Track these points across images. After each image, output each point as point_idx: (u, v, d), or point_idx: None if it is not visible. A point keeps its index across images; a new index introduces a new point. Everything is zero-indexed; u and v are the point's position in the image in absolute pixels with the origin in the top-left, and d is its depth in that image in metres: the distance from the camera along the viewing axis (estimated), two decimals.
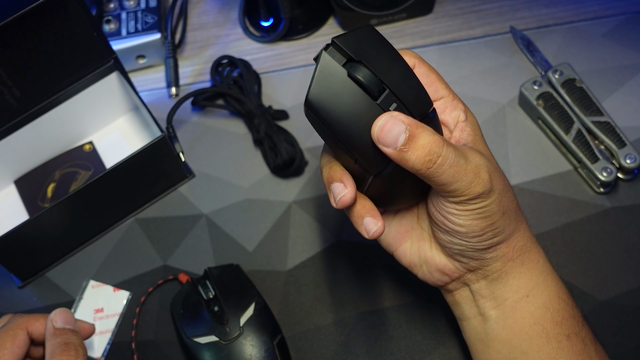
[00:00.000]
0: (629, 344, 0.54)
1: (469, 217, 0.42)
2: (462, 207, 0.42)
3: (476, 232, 0.42)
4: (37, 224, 0.57)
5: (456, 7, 0.72)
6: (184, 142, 0.66)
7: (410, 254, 0.47)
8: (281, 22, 0.70)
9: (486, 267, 0.44)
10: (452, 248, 0.44)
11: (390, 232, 0.47)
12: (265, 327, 0.54)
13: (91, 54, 0.60)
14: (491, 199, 0.42)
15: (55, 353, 0.47)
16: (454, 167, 0.40)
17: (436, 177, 0.40)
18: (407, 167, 0.40)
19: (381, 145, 0.40)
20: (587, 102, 0.62)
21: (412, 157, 0.40)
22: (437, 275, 0.46)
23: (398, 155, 0.40)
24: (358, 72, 0.40)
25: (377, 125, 0.39)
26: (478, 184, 0.41)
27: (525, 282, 0.45)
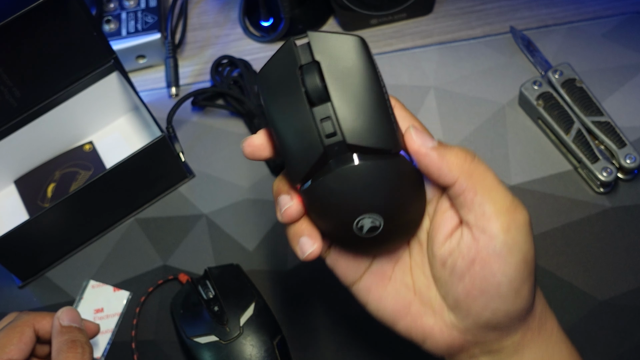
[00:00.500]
0: (629, 344, 0.54)
1: (514, 257, 0.37)
2: (509, 240, 0.37)
3: (518, 281, 0.38)
4: (37, 224, 0.57)
5: (456, 7, 0.72)
6: (184, 142, 0.66)
7: (412, 330, 0.42)
8: (281, 22, 0.70)
9: (504, 340, 0.40)
10: (480, 315, 0.39)
11: (384, 308, 0.42)
12: (265, 327, 0.54)
13: (91, 54, 0.60)
14: (531, 235, 0.38)
15: (62, 350, 0.48)
16: (495, 177, 0.38)
17: (479, 176, 0.38)
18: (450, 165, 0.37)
19: (419, 142, 0.38)
20: (587, 102, 0.62)
21: (454, 151, 0.38)
22: (444, 350, 0.41)
23: (441, 150, 0.37)
24: (309, 73, 0.37)
25: (410, 131, 0.38)
26: (520, 208, 0.38)
27: (540, 354, 0.40)
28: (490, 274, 0.38)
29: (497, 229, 0.37)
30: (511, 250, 0.37)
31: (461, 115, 0.65)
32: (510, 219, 0.37)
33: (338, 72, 0.37)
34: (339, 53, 0.37)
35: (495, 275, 0.38)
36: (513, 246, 0.37)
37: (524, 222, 0.38)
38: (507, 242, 0.37)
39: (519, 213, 0.38)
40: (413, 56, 0.69)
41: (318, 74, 0.37)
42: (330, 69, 0.37)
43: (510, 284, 0.38)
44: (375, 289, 0.42)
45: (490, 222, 0.37)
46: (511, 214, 0.37)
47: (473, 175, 0.38)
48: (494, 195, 0.38)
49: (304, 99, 0.37)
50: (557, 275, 0.57)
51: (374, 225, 0.38)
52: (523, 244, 0.38)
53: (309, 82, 0.37)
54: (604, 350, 0.54)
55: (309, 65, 0.37)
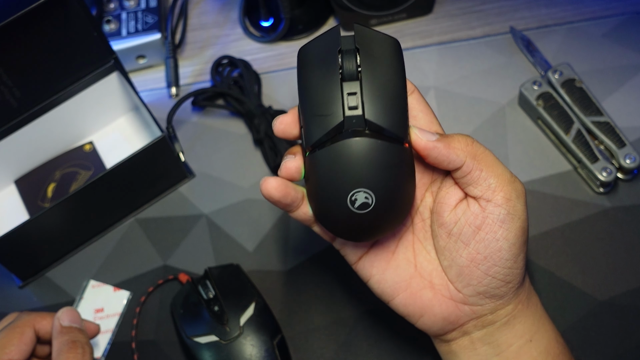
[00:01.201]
0: (629, 344, 0.54)
1: (514, 224, 0.42)
2: (511, 209, 0.42)
3: (516, 248, 0.42)
4: (38, 224, 0.57)
5: (456, 7, 0.72)
6: (184, 142, 0.66)
7: (410, 304, 0.45)
8: (281, 22, 0.70)
9: (499, 310, 0.44)
10: (479, 284, 0.43)
11: (385, 280, 0.45)
12: (265, 327, 0.54)
13: (91, 54, 0.60)
14: (526, 204, 0.43)
15: (62, 350, 0.48)
16: (494, 156, 0.43)
17: (482, 155, 0.42)
18: (457, 151, 0.42)
19: (425, 138, 0.42)
20: (586, 102, 0.62)
21: (457, 137, 0.42)
22: (441, 324, 0.44)
23: (445, 139, 0.42)
24: (348, 56, 0.41)
25: (414, 129, 0.42)
26: (518, 182, 0.43)
27: (529, 327, 0.44)
28: (494, 239, 0.42)
29: (502, 199, 0.42)
30: (513, 217, 0.42)
31: (461, 115, 0.65)
32: (511, 189, 0.42)
33: (372, 61, 0.41)
34: (377, 47, 0.42)
35: (499, 240, 0.42)
36: (514, 214, 0.42)
37: (522, 192, 0.43)
38: (510, 210, 0.42)
39: (517, 184, 0.43)
40: (413, 56, 0.69)
41: (355, 58, 0.41)
42: (367, 57, 0.41)
43: (510, 250, 0.42)
44: (379, 263, 0.45)
45: (495, 193, 0.42)
46: (512, 185, 0.43)
47: (477, 155, 0.42)
48: (496, 170, 0.42)
49: (337, 74, 0.41)
50: (557, 275, 0.57)
51: (366, 202, 0.41)
52: (522, 212, 0.43)
53: (346, 62, 0.41)
54: (604, 350, 0.54)
55: (349, 50, 0.41)
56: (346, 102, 0.40)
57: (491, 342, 0.44)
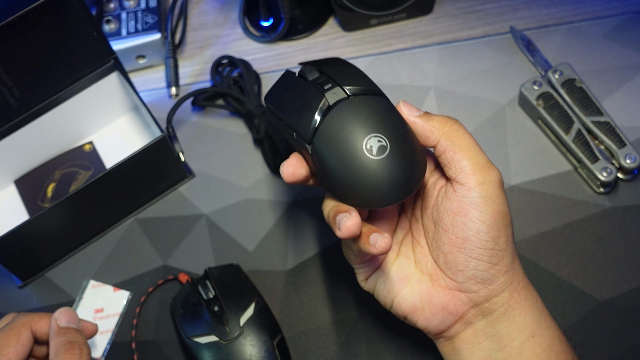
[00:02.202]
0: (629, 344, 0.54)
1: (490, 208, 0.43)
2: (484, 193, 0.43)
3: (494, 230, 0.43)
4: (37, 224, 0.57)
5: (456, 7, 0.72)
6: (184, 142, 0.66)
7: (412, 298, 0.46)
8: (281, 22, 0.70)
9: (494, 297, 0.44)
10: (466, 269, 0.44)
11: (387, 281, 0.47)
12: (265, 327, 0.54)
13: (91, 54, 0.60)
14: (504, 195, 0.44)
15: (59, 351, 0.48)
16: (472, 139, 0.44)
17: (458, 136, 0.44)
18: (432, 128, 0.44)
19: (409, 113, 0.45)
20: (587, 102, 0.62)
21: (436, 117, 0.45)
22: (441, 316, 0.45)
23: (425, 117, 0.45)
24: (305, 70, 0.46)
25: (400, 103, 0.45)
26: (493, 168, 0.44)
27: (529, 321, 0.44)
28: (469, 221, 0.43)
29: (474, 182, 0.43)
30: (486, 201, 0.43)
31: (461, 115, 0.65)
32: (484, 174, 0.43)
33: (330, 67, 0.46)
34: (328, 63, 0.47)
35: (475, 222, 0.43)
36: (488, 198, 0.43)
37: (497, 179, 0.44)
38: (482, 193, 0.43)
39: (492, 171, 0.44)
40: (413, 56, 0.69)
41: (314, 66, 0.46)
42: (324, 67, 0.46)
43: (488, 231, 0.43)
44: (384, 265, 0.47)
45: (467, 176, 0.43)
46: (486, 171, 0.44)
47: (452, 136, 0.44)
48: (471, 153, 0.44)
49: (304, 81, 0.46)
50: (557, 275, 0.57)
51: (382, 144, 0.42)
52: (496, 197, 0.43)
53: (307, 72, 0.46)
54: (604, 350, 0.54)
55: (307, 68, 0.46)
56: (320, 87, 0.44)
57: (493, 335, 0.44)
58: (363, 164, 0.42)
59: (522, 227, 0.59)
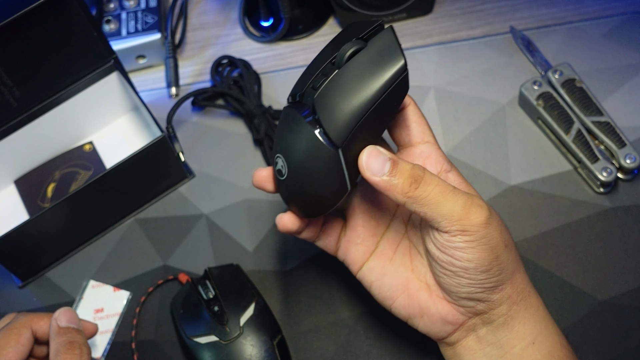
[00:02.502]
0: (629, 344, 0.54)
1: (475, 249, 0.41)
2: (467, 238, 0.41)
3: (484, 266, 0.42)
4: (37, 224, 0.57)
5: (456, 7, 0.72)
6: (184, 142, 0.66)
7: (409, 306, 0.46)
8: (281, 22, 0.70)
9: (493, 310, 0.44)
10: (459, 292, 0.43)
11: (383, 285, 0.47)
12: (265, 327, 0.54)
13: (91, 54, 0.60)
14: (493, 227, 0.42)
15: (59, 352, 0.48)
16: (441, 187, 0.41)
17: (425, 197, 0.41)
18: (396, 193, 0.41)
19: (369, 174, 0.41)
20: (587, 102, 0.62)
21: (400, 181, 0.41)
22: (440, 325, 0.45)
23: (386, 183, 0.41)
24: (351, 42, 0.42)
25: (363, 155, 0.42)
26: (475, 208, 0.42)
27: (530, 329, 0.44)
28: (457, 260, 0.42)
29: (455, 230, 0.41)
30: (470, 244, 0.42)
31: (461, 115, 0.65)
32: (464, 224, 0.41)
33: (365, 61, 0.42)
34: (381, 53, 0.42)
35: (462, 262, 0.42)
36: (472, 242, 0.41)
37: (480, 222, 0.41)
38: (466, 240, 0.41)
39: (472, 215, 0.41)
40: (413, 56, 0.69)
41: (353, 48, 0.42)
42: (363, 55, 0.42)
43: (477, 268, 0.42)
44: (379, 269, 0.47)
45: (447, 227, 0.41)
46: (464, 219, 0.41)
47: (417, 200, 0.41)
48: (442, 209, 0.41)
49: (328, 58, 0.44)
50: (557, 275, 0.57)
51: (280, 168, 0.44)
52: (481, 238, 0.41)
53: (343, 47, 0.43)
54: (604, 350, 0.54)
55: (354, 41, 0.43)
56: (316, 79, 0.42)
57: (494, 342, 0.44)
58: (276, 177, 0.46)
59: (522, 227, 0.59)
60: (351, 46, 0.42)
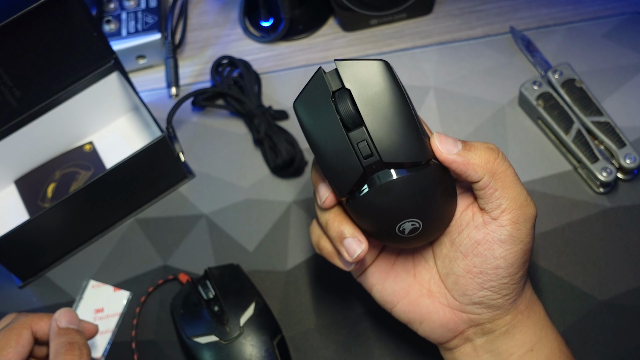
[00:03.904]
0: (629, 344, 0.54)
1: (516, 247, 0.42)
2: (515, 232, 0.42)
3: (514, 267, 0.42)
4: (37, 224, 0.57)
5: (456, 7, 0.72)
6: (184, 142, 0.66)
7: (410, 311, 0.46)
8: (281, 23, 0.70)
9: (497, 320, 0.44)
10: (474, 295, 0.43)
11: (385, 289, 0.46)
12: (265, 327, 0.54)
13: (91, 54, 0.60)
14: (534, 230, 0.43)
15: (59, 352, 0.48)
16: (514, 174, 0.42)
17: (503, 173, 0.42)
18: (475, 167, 0.41)
19: (445, 151, 0.41)
20: (586, 102, 0.62)
21: (478, 152, 0.42)
22: (440, 331, 0.45)
23: (463, 158, 0.41)
24: (341, 100, 0.41)
25: (435, 138, 0.42)
26: (531, 202, 0.43)
27: (529, 337, 0.44)
28: (492, 257, 0.42)
29: (508, 221, 0.42)
30: (515, 240, 0.42)
31: (461, 115, 0.65)
32: (520, 213, 0.42)
33: (368, 96, 0.41)
34: (367, 78, 0.41)
35: (497, 259, 0.42)
36: (517, 237, 0.42)
37: (531, 217, 0.42)
38: (513, 233, 0.42)
39: (529, 208, 0.42)
40: (413, 56, 0.69)
41: (350, 100, 0.41)
42: (361, 95, 0.41)
43: (508, 269, 0.42)
44: (380, 272, 0.47)
45: (503, 214, 0.42)
46: (522, 210, 0.42)
47: (495, 174, 0.42)
48: (511, 192, 0.42)
49: (340, 125, 0.41)
50: (557, 275, 0.57)
51: (414, 227, 0.42)
52: (525, 236, 0.42)
53: (342, 108, 0.41)
54: (604, 350, 0.54)
55: (341, 93, 0.41)
56: (359, 153, 0.41)
57: (492, 351, 0.44)
58: (394, 239, 0.43)
59: None
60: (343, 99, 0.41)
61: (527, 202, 0.42)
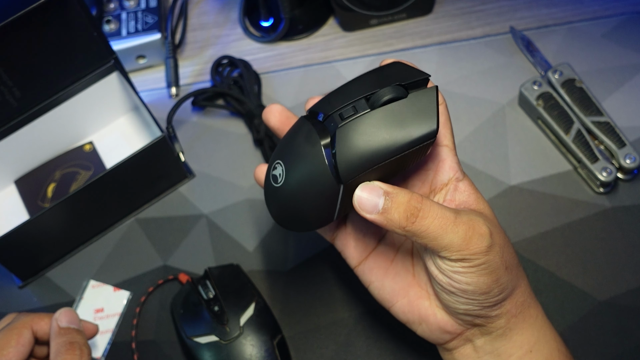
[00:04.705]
0: (629, 344, 0.54)
1: (475, 274, 0.41)
2: (467, 264, 0.40)
3: (483, 289, 0.41)
4: (37, 224, 0.57)
5: (456, 7, 0.72)
6: (184, 142, 0.66)
7: (408, 312, 0.45)
8: (281, 22, 0.70)
9: (491, 324, 0.44)
10: (457, 308, 0.43)
11: (384, 287, 0.46)
12: (265, 327, 0.54)
13: (91, 54, 0.60)
14: (494, 252, 0.41)
15: (60, 352, 0.48)
16: (440, 219, 0.40)
17: (423, 231, 0.40)
18: (393, 227, 0.40)
19: (364, 213, 0.40)
20: (586, 102, 0.62)
21: (395, 215, 0.40)
22: (438, 333, 0.45)
23: (383, 219, 0.40)
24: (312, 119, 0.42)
25: (356, 196, 0.40)
26: (476, 237, 0.40)
27: (528, 338, 0.44)
28: (457, 282, 0.41)
29: (456, 257, 0.40)
30: (472, 271, 0.41)
31: (461, 115, 0.65)
32: (464, 254, 0.40)
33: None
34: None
35: (462, 284, 0.41)
36: (472, 269, 0.41)
37: (481, 250, 0.40)
38: (465, 266, 0.41)
39: (473, 244, 0.40)
40: (413, 56, 0.69)
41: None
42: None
43: (475, 291, 0.41)
44: (378, 269, 0.46)
45: (447, 255, 0.40)
46: (464, 251, 0.40)
47: (415, 233, 0.40)
48: (441, 241, 0.40)
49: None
50: (557, 275, 0.57)
51: (276, 174, 0.42)
52: (482, 264, 0.40)
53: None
54: (604, 350, 0.54)
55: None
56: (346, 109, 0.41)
57: (492, 352, 0.44)
58: (268, 186, 0.44)
59: (522, 227, 0.59)
60: (391, 92, 0.41)
61: (467, 240, 0.40)
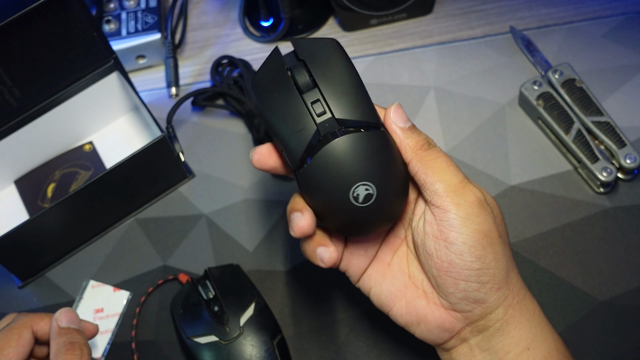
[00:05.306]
0: (629, 344, 0.54)
1: (469, 228, 0.42)
2: (460, 211, 0.42)
3: (478, 249, 0.42)
4: (37, 224, 0.57)
5: (456, 7, 0.72)
6: (184, 142, 0.66)
7: (407, 313, 0.46)
8: (281, 22, 0.70)
9: (489, 314, 0.44)
10: (456, 291, 0.43)
11: (382, 292, 0.46)
12: (265, 327, 0.54)
13: (91, 54, 0.60)
14: (486, 212, 0.42)
15: (60, 352, 0.48)
16: (446, 159, 0.43)
17: (431, 160, 0.43)
18: (409, 147, 0.43)
19: (394, 122, 0.43)
20: (587, 102, 0.62)
21: (415, 137, 0.43)
22: (437, 332, 0.45)
23: (404, 135, 0.43)
24: (296, 70, 0.43)
25: (392, 107, 0.44)
26: (471, 187, 0.43)
27: (525, 334, 0.44)
28: (451, 244, 0.42)
29: (449, 204, 0.42)
30: (464, 221, 0.42)
31: (461, 115, 0.65)
32: (459, 195, 0.42)
33: (321, 66, 0.43)
34: (320, 52, 0.43)
35: (455, 244, 0.42)
36: (465, 218, 0.42)
37: (473, 199, 0.42)
38: (459, 214, 0.42)
39: (467, 190, 0.43)
40: (413, 56, 0.69)
41: (305, 69, 0.43)
42: (314, 64, 0.43)
43: (471, 252, 0.42)
44: (376, 274, 0.47)
45: (442, 199, 0.42)
46: (460, 191, 0.42)
47: (424, 159, 0.43)
48: (443, 175, 0.43)
49: (294, 89, 0.42)
50: (557, 275, 0.57)
51: (368, 193, 0.42)
52: (475, 216, 0.42)
53: (298, 76, 0.43)
54: (604, 350, 0.54)
55: (296, 64, 0.43)
56: (313, 111, 0.42)
57: (489, 349, 0.44)
58: (348, 210, 0.42)
59: (522, 227, 0.59)
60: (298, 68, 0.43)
61: (463, 184, 0.43)
